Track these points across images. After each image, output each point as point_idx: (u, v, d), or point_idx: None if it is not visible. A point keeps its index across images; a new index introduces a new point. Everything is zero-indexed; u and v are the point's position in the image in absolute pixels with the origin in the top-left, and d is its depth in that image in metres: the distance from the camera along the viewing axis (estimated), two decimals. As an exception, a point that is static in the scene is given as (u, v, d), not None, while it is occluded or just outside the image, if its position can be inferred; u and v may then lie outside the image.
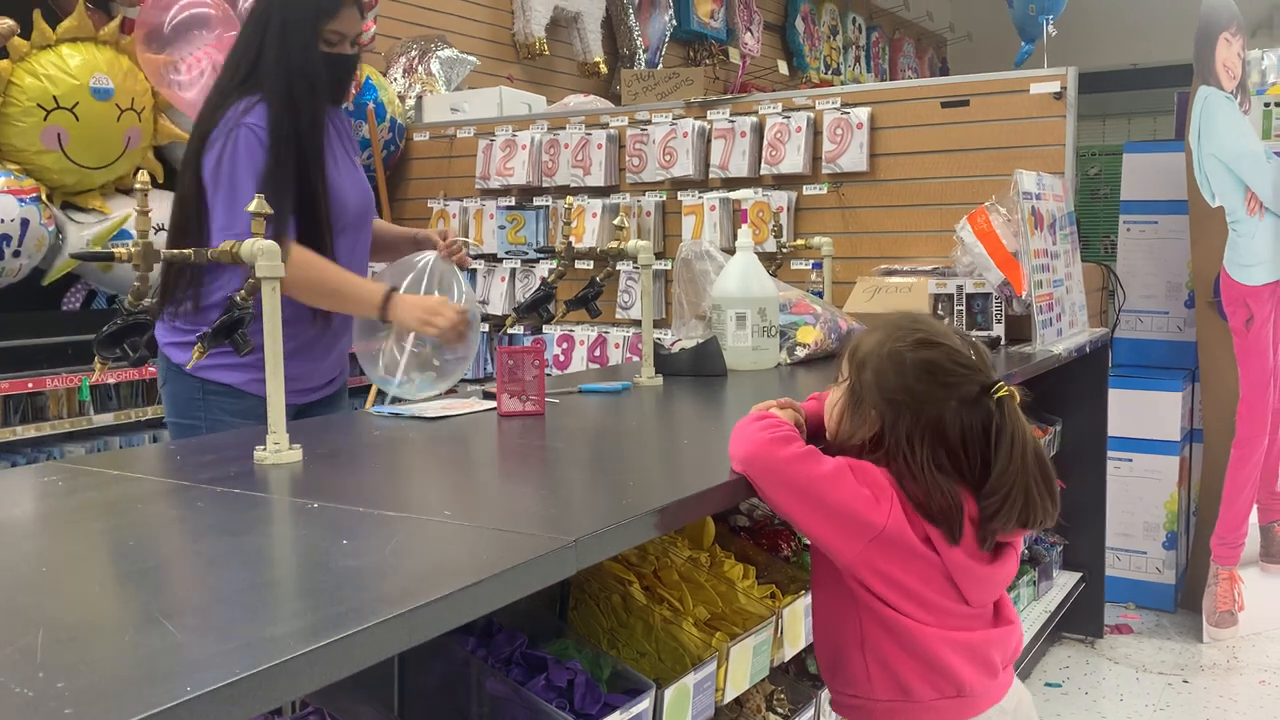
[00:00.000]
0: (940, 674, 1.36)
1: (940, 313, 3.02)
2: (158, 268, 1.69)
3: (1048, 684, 3.19)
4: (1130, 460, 3.77)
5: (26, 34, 3.15)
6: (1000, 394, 1.33)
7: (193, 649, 0.83)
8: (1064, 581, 3.44)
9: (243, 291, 1.66)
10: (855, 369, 1.40)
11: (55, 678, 0.78)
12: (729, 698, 1.57)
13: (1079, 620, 3.46)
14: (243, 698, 0.77)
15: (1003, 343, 2.95)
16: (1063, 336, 3.02)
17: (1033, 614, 3.17)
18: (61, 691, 0.75)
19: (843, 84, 7.57)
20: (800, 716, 1.78)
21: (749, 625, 1.63)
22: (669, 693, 1.42)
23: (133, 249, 1.59)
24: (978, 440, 1.33)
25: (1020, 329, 2.95)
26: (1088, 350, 3.15)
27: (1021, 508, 1.31)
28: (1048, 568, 3.33)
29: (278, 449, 1.54)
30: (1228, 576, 3.55)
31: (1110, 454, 3.53)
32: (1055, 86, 3.17)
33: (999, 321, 2.97)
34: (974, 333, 2.97)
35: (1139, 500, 3.79)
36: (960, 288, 3.01)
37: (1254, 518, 3.60)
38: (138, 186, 1.58)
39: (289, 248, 2.08)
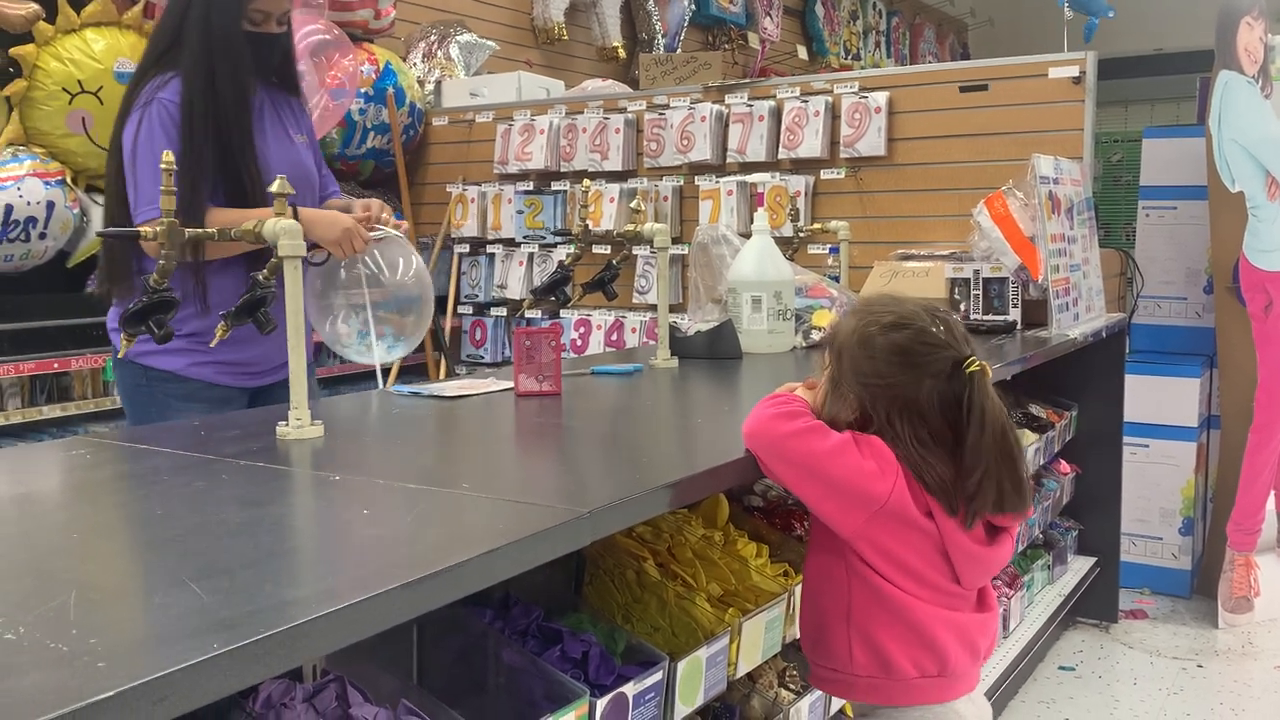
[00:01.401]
0: (927, 649, 1.40)
1: (957, 297, 3.03)
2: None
3: (1061, 667, 3.20)
4: (1147, 446, 3.77)
5: (52, 18, 3.19)
6: (971, 369, 1.35)
7: (218, 610, 0.86)
8: (1078, 566, 3.44)
9: (265, 271, 1.69)
10: (835, 356, 1.43)
11: (88, 634, 0.81)
12: (741, 672, 1.59)
13: (1093, 605, 3.47)
14: (266, 655, 0.80)
15: (1019, 327, 2.96)
16: (1079, 321, 3.02)
17: (1046, 598, 3.18)
18: (94, 647, 0.78)
19: (862, 69, 7.54)
20: (812, 693, 1.80)
21: (761, 602, 1.65)
22: (682, 665, 1.44)
23: (158, 228, 1.62)
24: (953, 416, 1.35)
25: (1037, 313, 2.95)
26: (1104, 335, 3.15)
27: (996, 486, 1.33)
28: (1062, 552, 3.34)
29: (300, 424, 1.57)
30: (1244, 562, 3.55)
31: (1127, 439, 3.53)
32: (1074, 71, 3.16)
33: (1015, 306, 2.97)
34: (990, 317, 2.98)
35: (1155, 486, 3.78)
36: (977, 272, 3.01)
37: (1271, 504, 3.60)
38: (162, 167, 1.61)
39: (207, 213, 2.09)
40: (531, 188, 4.09)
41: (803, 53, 7.39)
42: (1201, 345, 3.90)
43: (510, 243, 4.14)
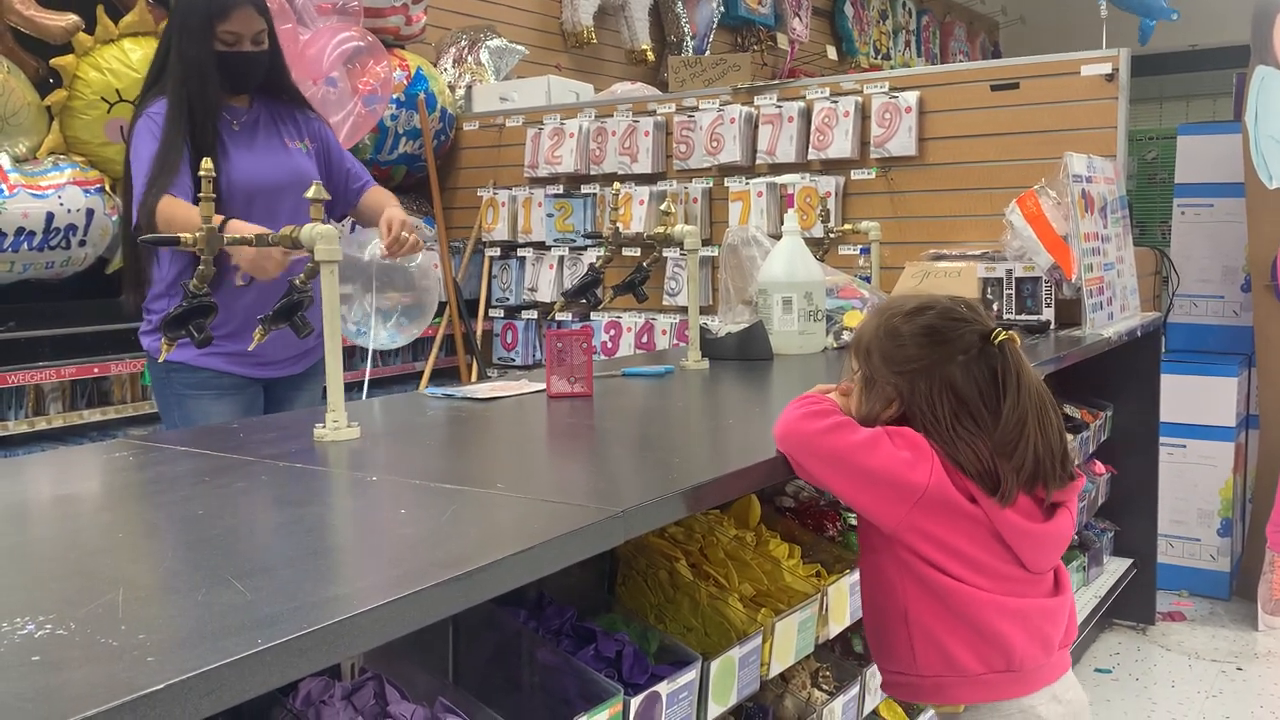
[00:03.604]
0: (989, 643, 1.36)
1: (989, 296, 3.02)
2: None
3: (1097, 670, 3.17)
4: (1184, 446, 3.73)
5: (90, 29, 3.25)
6: (1000, 338, 1.36)
7: (262, 606, 0.87)
8: (1114, 568, 3.41)
9: (301, 276, 1.72)
10: (862, 358, 1.44)
11: (136, 630, 0.83)
12: (774, 672, 1.59)
13: (1130, 607, 3.43)
14: (309, 650, 0.82)
15: (1052, 327, 2.94)
16: (1113, 320, 3.00)
17: (1082, 600, 3.15)
18: (143, 643, 0.80)
19: (892, 69, 7.51)
20: (845, 694, 1.80)
21: (794, 602, 1.65)
22: (715, 665, 1.45)
23: (197, 234, 1.65)
24: (990, 391, 1.35)
25: (1070, 313, 2.93)
26: (1139, 334, 3.12)
27: (1034, 453, 1.33)
28: (1098, 553, 3.31)
29: (337, 426, 1.60)
30: (1284, 564, 3.50)
31: (1164, 440, 3.50)
32: (1106, 69, 3.14)
33: (1049, 305, 2.95)
34: (1023, 317, 2.96)
35: (1193, 487, 3.74)
36: (1010, 272, 3.00)
37: (1312, 505, 3.54)
38: (201, 174, 1.64)
39: (164, 202, 2.22)
40: (561, 191, 4.11)
41: (832, 53, 7.37)
42: (1239, 344, 3.85)
43: (541, 246, 4.16)
